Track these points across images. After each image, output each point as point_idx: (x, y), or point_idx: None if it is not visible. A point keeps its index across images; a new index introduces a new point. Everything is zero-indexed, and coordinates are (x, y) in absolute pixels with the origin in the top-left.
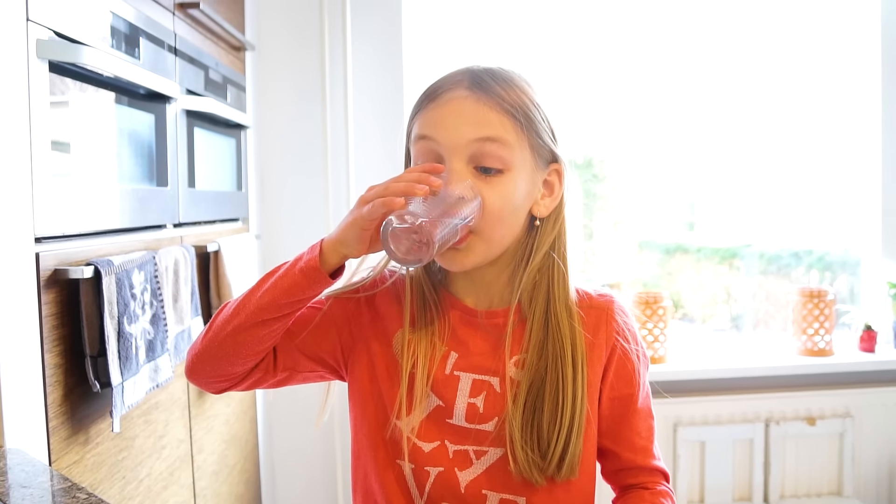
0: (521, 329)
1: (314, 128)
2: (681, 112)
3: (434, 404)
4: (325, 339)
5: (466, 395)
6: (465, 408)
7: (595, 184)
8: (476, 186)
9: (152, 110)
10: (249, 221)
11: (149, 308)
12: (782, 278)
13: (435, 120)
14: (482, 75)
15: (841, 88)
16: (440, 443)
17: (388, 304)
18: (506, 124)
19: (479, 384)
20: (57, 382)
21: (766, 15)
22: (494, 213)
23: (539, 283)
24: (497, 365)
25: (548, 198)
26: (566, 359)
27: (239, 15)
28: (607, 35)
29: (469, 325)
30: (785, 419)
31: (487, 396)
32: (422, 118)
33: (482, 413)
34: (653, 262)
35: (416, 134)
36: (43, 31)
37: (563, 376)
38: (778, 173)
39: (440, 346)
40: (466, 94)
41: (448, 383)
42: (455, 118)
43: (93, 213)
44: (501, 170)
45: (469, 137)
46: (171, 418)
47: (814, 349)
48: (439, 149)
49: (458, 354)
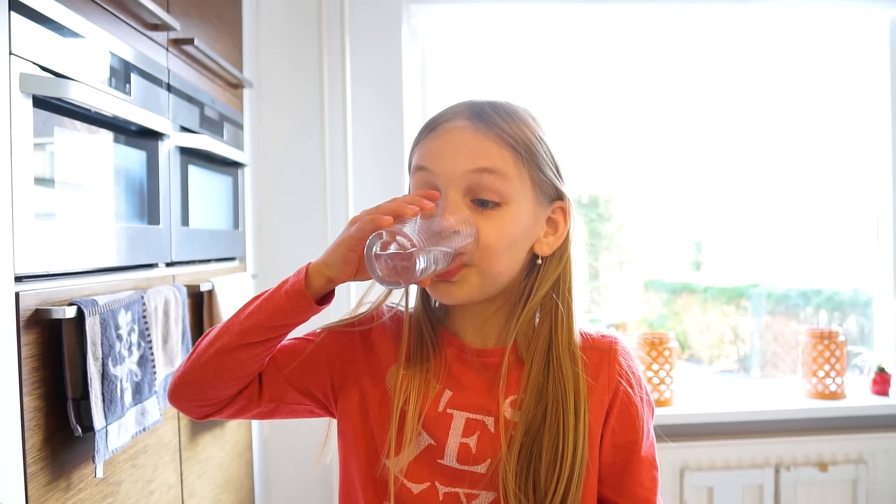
0: (518, 370)
1: (313, 166)
2: (687, 151)
3: (425, 443)
4: (315, 371)
5: (459, 435)
6: (458, 448)
7: (600, 223)
8: (473, 220)
9: (144, 147)
10: (246, 260)
11: (136, 349)
12: (790, 318)
13: (432, 151)
14: (483, 107)
15: (850, 124)
16: (430, 484)
17: (384, 339)
18: (505, 156)
19: (473, 423)
20: (37, 426)
21: (771, 53)
22: (490, 247)
23: (541, 326)
24: (492, 404)
25: (551, 236)
26: (568, 405)
27: (237, 52)
28: (612, 74)
29: (465, 362)
30: (796, 465)
31: (481, 437)
32: (420, 149)
33: (475, 454)
34: (659, 302)
35: (414, 165)
36: (27, 66)
37: (563, 423)
38: (785, 211)
39: (434, 384)
40: (465, 124)
41: (440, 421)
42: (452, 148)
43: (79, 251)
44: (499, 203)
45: (465, 168)
46: (160, 462)
47: (825, 392)
48: (436, 180)
49: (453, 392)
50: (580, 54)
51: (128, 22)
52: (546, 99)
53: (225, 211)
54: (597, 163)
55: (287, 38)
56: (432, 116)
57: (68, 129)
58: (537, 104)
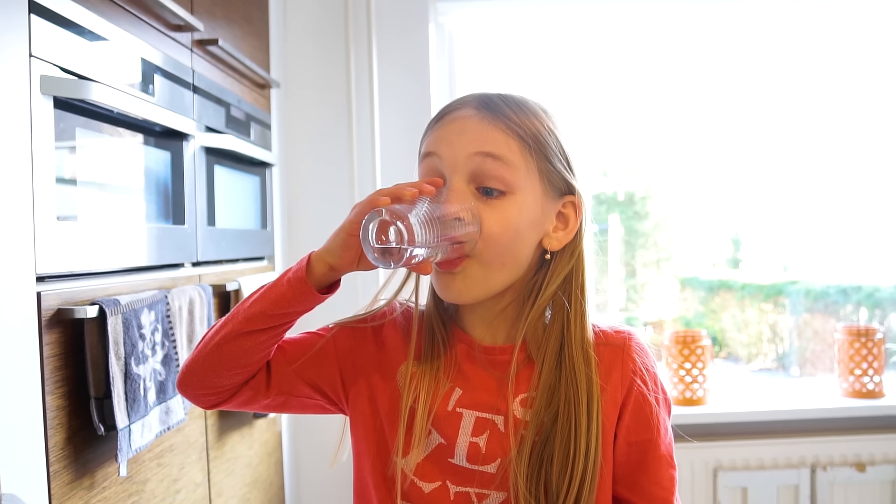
0: (528, 368)
1: (341, 165)
2: (724, 147)
3: (436, 442)
4: (325, 367)
5: (469, 434)
6: (467, 447)
7: (637, 221)
8: (476, 210)
9: (168, 148)
10: (275, 260)
11: (160, 349)
12: (830, 316)
13: (439, 137)
14: (492, 97)
15: (892, 117)
16: (441, 483)
17: (395, 336)
18: (511, 144)
19: (482, 422)
20: (59, 425)
21: (809, 44)
22: (493, 236)
23: (552, 324)
24: (501, 403)
25: (561, 231)
26: (580, 406)
27: (263, 52)
28: (647, 70)
29: (474, 360)
30: (832, 465)
31: (490, 436)
32: (427, 137)
33: (484, 454)
34: (696, 300)
35: (421, 152)
36: (48, 68)
37: (576, 425)
38: (824, 206)
39: (444, 382)
40: (472, 112)
41: (450, 420)
42: (458, 135)
43: (102, 251)
44: (504, 192)
45: (469, 151)
46: (186, 461)
47: (862, 391)
48: (441, 166)
49: (462, 391)
50: (612, 51)
51: (151, 23)
52: (578, 97)
53: (253, 211)
54: (632, 160)
55: (314, 37)
56: (440, 109)
57: (91, 130)
58: (568, 102)
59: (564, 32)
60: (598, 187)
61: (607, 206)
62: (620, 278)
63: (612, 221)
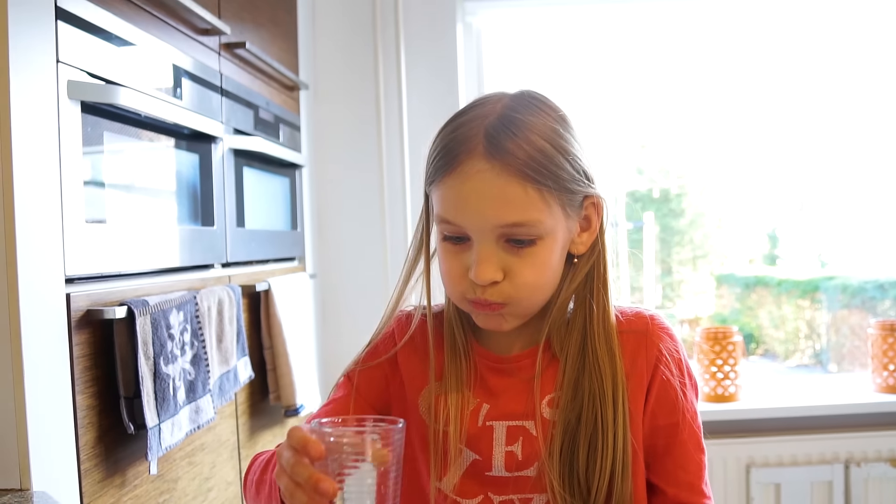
0: (553, 367)
1: (371, 166)
2: (760, 143)
3: (470, 459)
4: None
5: (503, 445)
6: (504, 457)
7: (672, 219)
8: (371, 443)
9: (197, 150)
10: (305, 261)
11: (189, 349)
12: (866, 312)
13: (456, 202)
14: (498, 132)
15: None
16: (483, 496)
17: (411, 361)
18: (532, 196)
19: (515, 430)
20: (90, 424)
21: (847, 39)
22: (529, 285)
23: (574, 318)
24: (529, 408)
25: (585, 233)
26: (605, 398)
27: (292, 55)
28: (681, 68)
29: (497, 371)
30: (867, 460)
31: (524, 442)
32: (440, 193)
33: (521, 460)
34: (732, 297)
35: (437, 214)
36: (76, 73)
37: (602, 415)
38: (860, 201)
39: (471, 399)
40: (484, 166)
41: (482, 436)
42: (477, 200)
43: (131, 253)
44: (534, 241)
45: (494, 223)
46: (217, 460)
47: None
48: (464, 231)
49: (489, 405)
50: (644, 48)
51: (178, 28)
52: (609, 94)
53: (282, 212)
54: (668, 157)
55: (342, 40)
56: (444, 140)
57: (119, 133)
58: (599, 100)
59: (593, 30)
60: (632, 185)
61: (642, 204)
62: (656, 276)
63: (648, 219)
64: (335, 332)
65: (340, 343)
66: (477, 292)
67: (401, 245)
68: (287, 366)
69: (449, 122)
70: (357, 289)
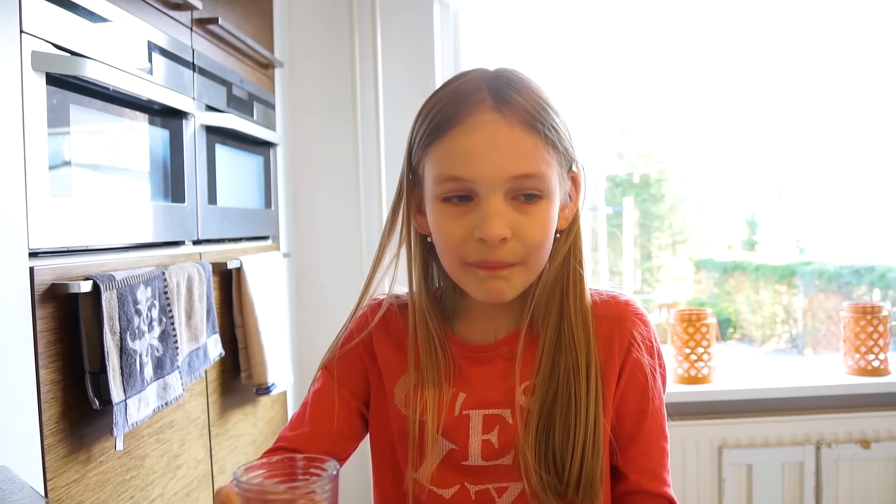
0: (532, 350)
1: (346, 144)
2: (740, 129)
3: (447, 449)
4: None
5: (479, 434)
6: (480, 446)
7: (652, 204)
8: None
9: (167, 126)
10: (280, 239)
11: (157, 325)
12: (843, 297)
13: (465, 155)
14: (502, 84)
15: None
16: (460, 486)
17: (386, 351)
18: (539, 148)
19: (491, 419)
20: (54, 399)
21: (825, 25)
22: (537, 242)
23: (552, 296)
24: (506, 396)
25: (567, 208)
26: (580, 373)
27: (267, 32)
28: (659, 52)
29: (474, 361)
30: (837, 441)
31: (501, 430)
32: (442, 151)
33: (497, 448)
34: (710, 282)
35: (437, 174)
36: (40, 44)
37: (576, 392)
38: (838, 188)
39: (448, 389)
40: (495, 116)
41: (458, 425)
42: (489, 150)
43: (98, 228)
44: (540, 196)
45: (507, 174)
46: (187, 438)
47: (867, 368)
48: (471, 186)
49: (466, 394)
50: (624, 30)
51: (148, 1)
52: (588, 76)
53: (256, 190)
54: (648, 143)
55: (318, 17)
56: (442, 100)
57: (86, 107)
58: (577, 83)
59: (572, 14)
60: (613, 170)
61: (623, 189)
62: (636, 261)
63: (627, 204)
64: (309, 311)
65: (314, 322)
66: (485, 253)
67: (376, 224)
68: (259, 344)
69: (439, 90)
70: (331, 268)
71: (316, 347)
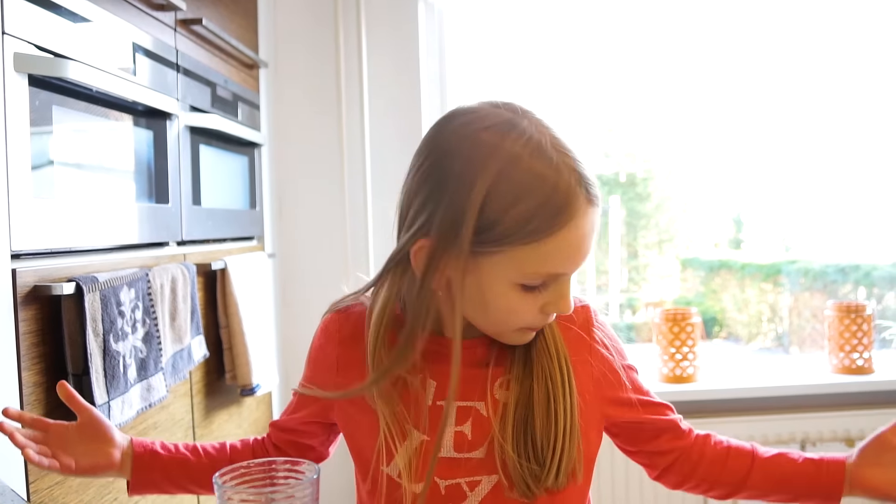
0: (503, 351)
1: (331, 145)
2: (725, 128)
3: (418, 440)
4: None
5: (452, 425)
6: (453, 437)
7: (638, 202)
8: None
9: (151, 127)
10: (265, 240)
11: (141, 326)
12: (828, 295)
13: (572, 252)
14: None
15: (891, 98)
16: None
17: (353, 357)
18: None
19: (464, 410)
20: (36, 401)
21: (809, 26)
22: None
23: None
24: (480, 389)
25: None
26: (553, 365)
27: (251, 32)
28: (644, 51)
29: (445, 356)
30: (822, 440)
31: (474, 422)
32: (549, 247)
33: (470, 440)
34: (696, 281)
35: (537, 270)
36: (23, 45)
37: (552, 383)
38: (824, 186)
39: (415, 376)
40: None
41: (431, 416)
42: (588, 244)
43: (81, 229)
44: None
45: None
46: (171, 439)
47: (852, 367)
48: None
49: (437, 383)
50: (610, 30)
51: (131, 2)
52: (574, 77)
53: (241, 190)
54: (634, 141)
55: (303, 17)
56: (539, 196)
57: (69, 108)
58: (563, 83)
59: (558, 13)
60: (599, 169)
61: (609, 188)
62: (622, 259)
63: (614, 203)
64: (294, 312)
65: (299, 322)
66: (546, 321)
67: (360, 224)
68: (243, 345)
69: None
70: (316, 268)
71: (301, 348)
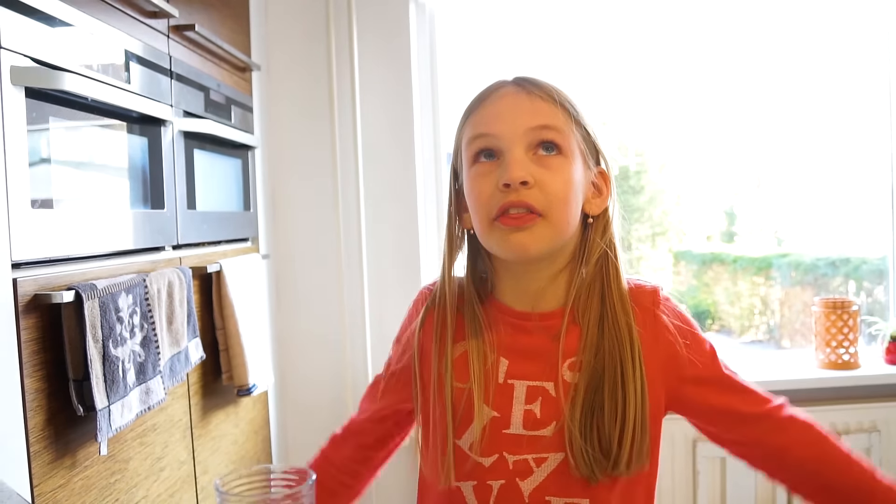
0: (573, 332)
1: (324, 145)
2: (718, 121)
3: (489, 416)
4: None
5: (522, 403)
6: (522, 415)
7: (631, 196)
8: None
9: (146, 133)
10: (259, 241)
11: (139, 331)
12: (819, 289)
13: (490, 116)
14: (526, 77)
15: (882, 91)
16: (499, 455)
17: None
18: (558, 113)
19: (534, 390)
20: (39, 407)
21: (804, 19)
22: (558, 194)
23: (592, 283)
24: (550, 370)
25: (598, 198)
26: (625, 354)
27: (243, 36)
28: (636, 44)
29: (519, 329)
30: None
31: (543, 402)
32: (474, 120)
33: (539, 419)
34: (689, 274)
35: (469, 136)
36: (18, 59)
37: (622, 372)
38: (815, 179)
39: (490, 356)
40: (516, 89)
41: (502, 393)
42: (511, 110)
43: (79, 237)
44: (561, 151)
45: (527, 125)
46: (170, 440)
47: (838, 362)
48: (497, 142)
49: (509, 361)
50: (601, 26)
51: (125, 11)
52: (566, 73)
53: (235, 193)
54: (627, 135)
55: (295, 20)
56: (476, 95)
57: (65, 118)
58: (557, 79)
59: (549, 6)
60: None
61: None
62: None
63: None
64: (289, 312)
65: (294, 322)
66: (508, 196)
67: (353, 224)
68: (239, 346)
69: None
70: (310, 268)
71: (296, 348)
